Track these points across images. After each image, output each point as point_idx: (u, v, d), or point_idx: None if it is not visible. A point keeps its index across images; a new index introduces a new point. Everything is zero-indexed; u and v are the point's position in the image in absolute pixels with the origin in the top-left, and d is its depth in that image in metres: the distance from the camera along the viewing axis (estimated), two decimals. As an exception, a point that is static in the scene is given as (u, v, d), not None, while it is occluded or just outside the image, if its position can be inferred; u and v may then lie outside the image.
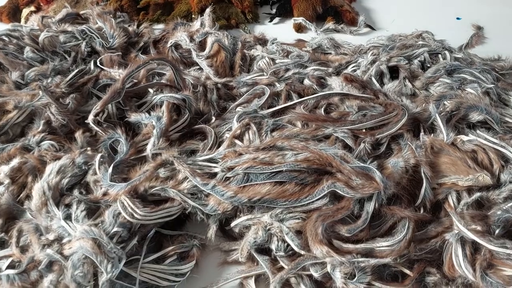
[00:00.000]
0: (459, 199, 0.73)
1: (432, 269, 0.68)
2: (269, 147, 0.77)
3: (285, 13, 1.45)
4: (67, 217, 0.70)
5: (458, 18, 1.51)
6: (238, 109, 0.96)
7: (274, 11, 1.48)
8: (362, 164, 0.71)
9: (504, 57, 1.22)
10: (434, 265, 0.69)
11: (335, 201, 0.71)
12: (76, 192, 0.74)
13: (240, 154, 0.77)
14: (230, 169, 0.75)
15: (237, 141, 0.82)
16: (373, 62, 1.04)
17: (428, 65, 1.05)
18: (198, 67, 1.11)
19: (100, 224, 0.68)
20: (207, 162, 0.79)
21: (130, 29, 1.25)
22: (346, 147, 0.79)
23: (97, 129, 0.84)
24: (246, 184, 0.72)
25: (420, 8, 1.58)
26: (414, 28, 1.32)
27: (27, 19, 1.37)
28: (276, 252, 0.69)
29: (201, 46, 1.14)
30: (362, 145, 0.78)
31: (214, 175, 0.76)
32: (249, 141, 0.81)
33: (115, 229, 0.68)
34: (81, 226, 0.67)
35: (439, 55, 1.08)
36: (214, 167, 0.77)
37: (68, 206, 0.72)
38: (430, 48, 1.08)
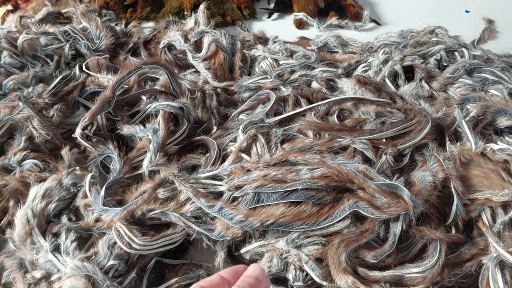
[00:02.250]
0: (493, 216, 0.67)
1: (468, 297, 0.63)
2: (281, 162, 0.71)
3: (284, 8, 1.39)
4: (56, 249, 0.63)
5: (467, 11, 1.45)
6: (241, 116, 0.89)
7: (272, 6, 1.41)
8: (388, 181, 0.65)
9: (520, 52, 1.17)
10: (469, 291, 0.64)
11: (357, 222, 0.66)
12: (64, 219, 0.67)
13: (249, 171, 0.71)
14: (238, 188, 0.68)
15: (243, 155, 0.75)
16: (385, 61, 0.98)
17: (445, 64, 1.00)
18: (194, 70, 1.04)
19: (93, 257, 0.62)
20: (211, 179, 0.72)
21: (118, 28, 1.18)
22: (366, 160, 0.73)
23: (86, 144, 0.76)
24: (257, 205, 0.66)
25: (427, 1, 1.53)
26: (421, 22, 1.26)
27: (3, 20, 1.28)
28: (293, 282, 0.63)
29: (197, 46, 1.07)
30: (383, 157, 0.72)
31: (220, 194, 0.70)
32: (257, 155, 0.74)
33: (111, 262, 0.61)
34: (72, 260, 0.60)
35: (456, 53, 1.02)
36: (220, 185, 0.70)
37: (56, 235, 0.65)
38: (446, 45, 1.02)
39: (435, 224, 0.67)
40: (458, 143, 0.75)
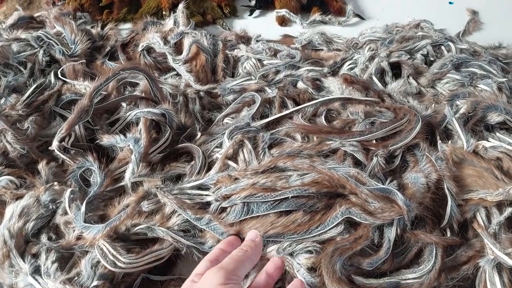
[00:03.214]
0: (488, 217, 0.66)
1: (467, 301, 0.62)
2: (270, 169, 0.69)
3: (265, 4, 1.36)
4: (36, 271, 0.60)
5: (450, 3, 1.45)
6: (226, 120, 0.87)
7: (253, 3, 1.39)
8: (381, 186, 0.64)
9: (505, 43, 1.17)
10: (467, 295, 0.63)
11: (350, 228, 0.64)
12: (44, 238, 0.64)
13: (236, 179, 0.69)
14: (226, 198, 0.66)
15: (230, 163, 0.73)
16: (371, 58, 0.97)
17: (432, 59, 0.99)
18: (175, 73, 1.01)
19: (76, 278, 0.59)
20: (197, 189, 0.70)
21: (94, 31, 1.14)
22: (356, 163, 0.71)
23: (64, 157, 0.73)
24: (247, 217, 0.64)
25: (410, -7, 1.52)
26: (405, 15, 1.26)
27: (-28, 25, 1.23)
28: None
29: (177, 48, 1.04)
30: (375, 159, 0.70)
31: (207, 204, 0.68)
32: (244, 162, 0.72)
33: (95, 282, 0.59)
34: (53, 283, 0.58)
35: (442, 47, 1.01)
36: (206, 195, 0.68)
37: (36, 256, 0.62)
38: (432, 40, 1.01)
39: (430, 227, 0.66)
40: (450, 141, 0.74)
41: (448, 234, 0.66)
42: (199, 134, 0.84)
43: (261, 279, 0.55)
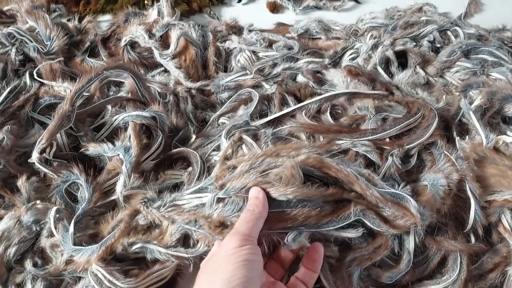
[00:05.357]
0: (514, 219, 0.63)
1: (495, 312, 0.59)
2: (271, 156, 0.62)
3: (255, -10, 1.30)
4: (21, 303, 0.55)
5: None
6: (221, 120, 0.82)
7: (241, -12, 1.32)
8: (392, 190, 0.59)
9: (509, 26, 1.14)
10: (495, 305, 0.60)
11: (368, 237, 0.60)
12: (29, 265, 0.59)
13: (235, 168, 0.63)
14: (222, 187, 0.59)
15: (229, 162, 0.68)
16: (374, 47, 0.92)
17: (439, 46, 0.95)
18: (163, 69, 0.96)
19: (68, 310, 0.54)
20: (196, 193, 0.64)
21: (70, 25, 1.07)
22: (368, 164, 0.67)
23: (46, 170, 0.67)
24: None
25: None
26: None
27: None
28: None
29: (164, 42, 0.98)
30: (389, 159, 0.66)
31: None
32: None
33: (90, 314, 0.54)
34: (42, 317, 0.53)
35: (448, 32, 0.97)
36: (205, 196, 0.63)
37: (21, 286, 0.58)
38: (438, 25, 0.97)
39: (453, 232, 0.62)
40: (467, 137, 0.70)
41: (472, 239, 0.63)
42: (193, 136, 0.79)
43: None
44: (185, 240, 0.61)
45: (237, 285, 0.43)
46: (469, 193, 0.63)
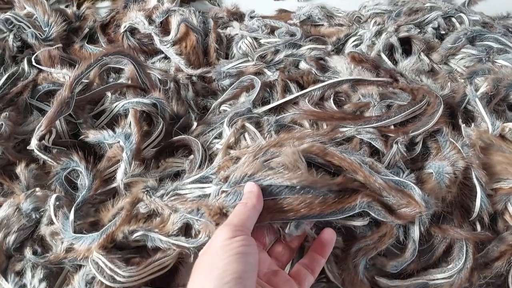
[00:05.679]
0: (520, 207, 0.62)
1: (500, 301, 0.59)
2: (274, 146, 0.61)
3: (255, -24, 1.28)
4: (21, 291, 0.55)
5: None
6: (223, 107, 0.81)
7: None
8: (396, 178, 0.58)
9: (512, 12, 1.13)
10: (500, 294, 0.60)
11: (373, 226, 0.60)
12: (28, 252, 0.58)
13: (238, 159, 0.62)
14: (226, 179, 0.59)
15: (233, 152, 0.67)
16: (378, 33, 0.91)
17: (443, 33, 0.94)
18: (163, 56, 0.94)
19: (69, 298, 0.54)
20: (198, 183, 0.64)
21: (69, 11, 1.05)
22: (373, 153, 0.67)
23: (45, 157, 0.67)
24: None
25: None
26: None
27: None
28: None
29: (164, 28, 0.96)
30: (394, 147, 0.65)
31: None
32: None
33: (91, 302, 0.53)
34: (43, 305, 0.52)
35: (453, 19, 0.96)
36: (208, 187, 0.62)
37: (20, 274, 0.57)
38: (442, 11, 0.96)
39: (458, 221, 0.62)
40: (473, 124, 0.69)
41: (478, 228, 0.62)
42: (195, 124, 0.78)
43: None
44: (186, 230, 0.60)
45: (229, 281, 0.42)
46: (475, 180, 0.62)
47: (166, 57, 0.94)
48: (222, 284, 0.42)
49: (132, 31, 0.98)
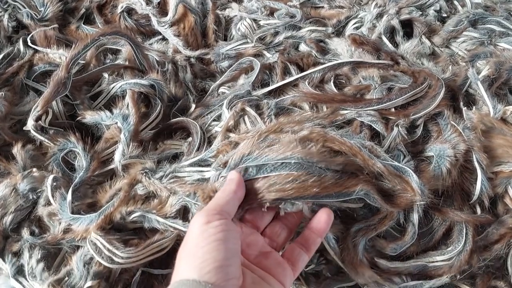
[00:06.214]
0: (521, 190, 0.62)
1: (500, 283, 0.59)
2: (274, 131, 0.61)
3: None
4: (19, 272, 0.55)
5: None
6: (221, 90, 0.80)
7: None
8: (396, 163, 0.58)
9: (515, -3, 1.12)
10: (499, 276, 0.60)
11: (373, 208, 0.60)
12: (26, 233, 0.58)
13: (237, 144, 0.62)
14: (225, 165, 0.58)
15: (232, 135, 0.67)
16: (379, 16, 0.90)
17: (445, 15, 0.93)
18: (161, 37, 0.93)
19: (67, 278, 0.54)
20: (197, 166, 0.63)
21: (65, -9, 1.03)
22: (374, 136, 0.66)
23: (42, 138, 0.66)
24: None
25: None
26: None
27: None
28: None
29: (161, 9, 0.95)
30: (395, 129, 0.65)
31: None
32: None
33: (89, 283, 0.53)
34: (40, 286, 0.52)
35: (455, 2, 0.95)
36: (207, 171, 0.62)
37: (18, 254, 0.56)
38: (444, -7, 0.95)
39: (459, 203, 0.62)
40: (474, 107, 0.69)
41: (478, 210, 0.62)
42: (193, 106, 0.77)
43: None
44: (184, 214, 0.60)
45: (210, 271, 0.41)
46: (476, 163, 0.62)
47: (164, 39, 0.93)
48: (203, 274, 0.41)
49: (129, 11, 0.96)
